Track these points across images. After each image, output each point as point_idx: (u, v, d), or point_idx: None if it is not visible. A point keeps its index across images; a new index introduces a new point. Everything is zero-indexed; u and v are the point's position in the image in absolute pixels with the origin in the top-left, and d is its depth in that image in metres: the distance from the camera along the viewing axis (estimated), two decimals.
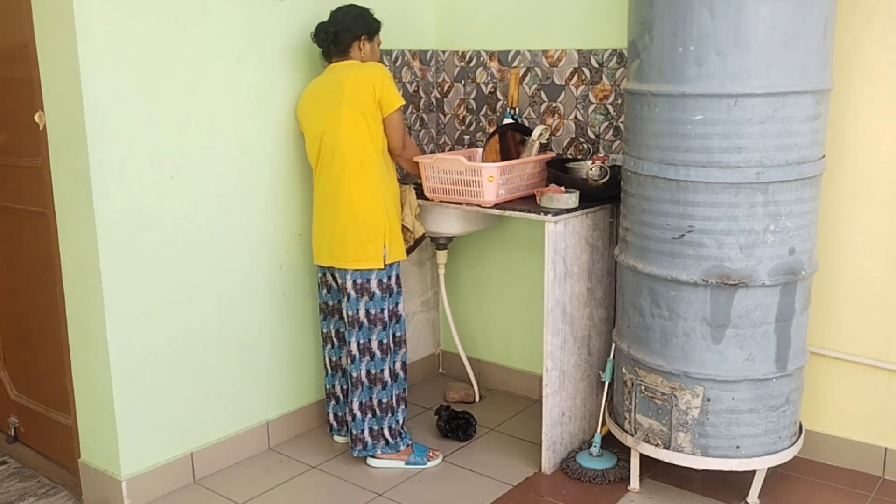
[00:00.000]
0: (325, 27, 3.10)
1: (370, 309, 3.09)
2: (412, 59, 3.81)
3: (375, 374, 3.14)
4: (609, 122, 3.45)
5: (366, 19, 3.13)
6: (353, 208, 3.03)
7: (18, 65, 2.94)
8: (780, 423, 2.82)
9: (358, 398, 3.13)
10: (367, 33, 3.12)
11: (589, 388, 3.29)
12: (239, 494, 3.04)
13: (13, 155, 3.13)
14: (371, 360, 3.13)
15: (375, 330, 3.11)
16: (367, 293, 3.08)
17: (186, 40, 2.89)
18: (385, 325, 3.12)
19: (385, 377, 3.16)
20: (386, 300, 3.12)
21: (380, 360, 3.14)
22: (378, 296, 3.09)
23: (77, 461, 3.06)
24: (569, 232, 3.02)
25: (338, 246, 3.08)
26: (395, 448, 3.20)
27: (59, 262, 2.92)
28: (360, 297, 3.08)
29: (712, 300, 2.71)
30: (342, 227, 3.05)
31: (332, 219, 3.08)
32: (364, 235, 3.04)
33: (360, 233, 3.04)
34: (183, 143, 2.93)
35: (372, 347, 3.12)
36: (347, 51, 3.10)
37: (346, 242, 3.05)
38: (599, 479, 3.07)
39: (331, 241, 3.09)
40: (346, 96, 2.98)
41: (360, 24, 3.09)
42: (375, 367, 3.14)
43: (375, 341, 3.12)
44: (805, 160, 2.66)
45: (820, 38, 2.59)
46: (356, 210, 3.03)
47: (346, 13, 3.11)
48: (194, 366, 3.07)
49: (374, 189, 3.04)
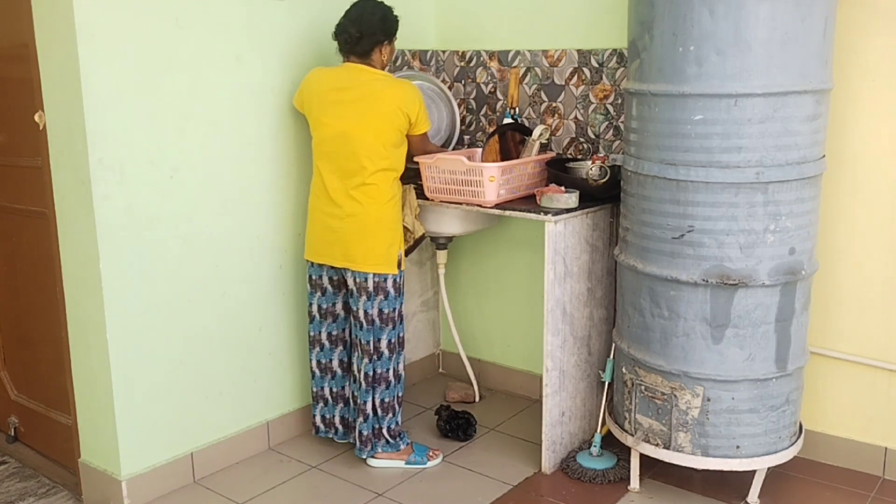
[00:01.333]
0: (348, 28, 3.03)
1: (384, 308, 3.10)
2: (412, 59, 3.80)
3: (381, 374, 3.15)
4: (609, 122, 3.45)
5: (389, 22, 3.08)
6: (377, 213, 3.03)
7: (18, 65, 2.94)
8: (780, 423, 2.82)
9: (372, 397, 3.14)
10: (389, 37, 3.09)
11: (589, 388, 3.29)
12: (239, 494, 3.04)
13: (13, 155, 3.13)
14: (379, 359, 3.14)
15: (386, 329, 3.12)
16: (384, 292, 3.09)
17: (186, 40, 2.89)
18: (394, 325, 3.13)
19: (389, 377, 3.16)
20: (397, 300, 3.13)
21: (387, 360, 3.14)
22: (392, 295, 3.10)
23: (77, 461, 3.06)
24: (569, 232, 3.02)
25: (356, 248, 3.05)
26: (395, 447, 3.20)
27: (59, 262, 2.92)
28: (375, 296, 3.08)
29: (712, 300, 2.71)
30: (367, 231, 3.04)
31: (349, 221, 3.04)
32: (387, 240, 3.06)
33: (385, 237, 3.05)
34: (183, 143, 2.93)
35: (381, 347, 3.13)
36: (370, 53, 3.07)
37: (360, 245, 3.05)
38: (599, 479, 3.07)
39: (345, 242, 3.06)
40: (385, 107, 2.98)
41: (384, 29, 3.06)
42: (382, 366, 3.14)
43: (385, 340, 3.13)
44: (805, 160, 2.66)
45: (820, 38, 2.59)
46: (381, 215, 3.04)
47: (371, 15, 3.03)
48: (194, 366, 3.07)
49: (393, 195, 3.07)
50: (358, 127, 3.00)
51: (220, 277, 3.11)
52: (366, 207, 3.03)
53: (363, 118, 2.99)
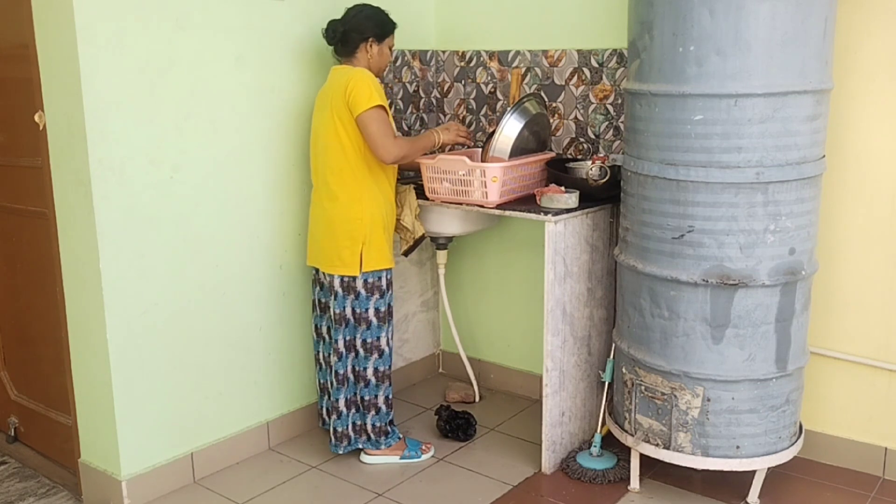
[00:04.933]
0: (335, 25, 3.05)
1: (356, 308, 3.10)
2: (412, 59, 3.80)
3: (359, 372, 3.15)
4: (609, 122, 3.45)
5: (377, 20, 3.06)
6: (327, 214, 3.05)
7: (18, 65, 2.94)
8: (780, 423, 2.82)
9: (343, 395, 3.15)
10: (377, 35, 3.06)
11: (589, 388, 3.29)
12: (239, 494, 3.04)
13: (13, 155, 3.13)
14: (356, 357, 3.14)
15: (360, 329, 3.11)
16: (353, 292, 3.09)
17: (186, 40, 2.89)
18: (369, 325, 3.12)
19: (367, 375, 3.15)
20: (369, 300, 3.10)
21: (363, 359, 3.14)
22: (364, 295, 3.09)
23: (77, 461, 3.06)
24: (569, 232, 3.02)
25: (318, 247, 3.12)
26: (377, 445, 3.20)
27: (59, 262, 2.92)
28: (346, 296, 3.09)
29: (712, 300, 2.71)
30: (321, 231, 3.09)
31: (314, 220, 3.14)
32: (340, 241, 3.04)
33: (337, 238, 3.04)
34: (183, 143, 2.93)
35: (356, 345, 3.13)
36: (354, 52, 3.06)
37: (325, 246, 3.09)
38: (599, 479, 3.07)
39: (314, 241, 3.15)
40: (331, 101, 2.98)
41: (369, 25, 3.04)
42: (359, 364, 3.15)
43: (360, 339, 3.12)
44: (805, 160, 2.66)
45: (820, 38, 2.59)
46: (331, 216, 3.05)
47: (357, 12, 3.06)
48: (194, 366, 3.07)
49: (352, 196, 3.01)
50: (320, 125, 3.04)
51: (220, 277, 3.11)
52: (323, 208, 3.06)
53: (322, 115, 3.02)
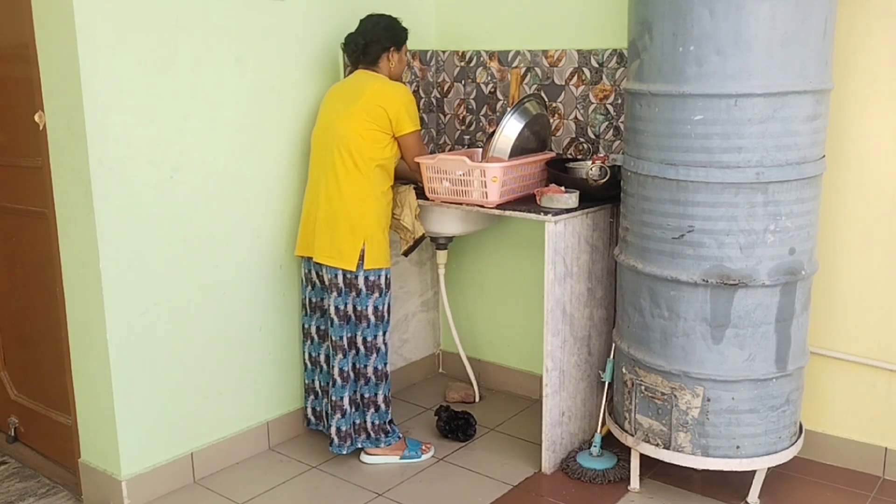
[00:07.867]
0: (355, 38, 3.16)
1: (357, 305, 3.10)
2: (412, 59, 3.80)
3: (360, 369, 3.16)
4: (609, 122, 3.45)
5: (394, 30, 3.18)
6: (333, 206, 3.06)
7: (18, 65, 2.94)
8: (780, 423, 2.82)
9: (350, 393, 3.15)
10: (396, 45, 3.18)
11: (589, 388, 3.29)
12: (239, 494, 3.04)
13: (13, 155, 3.13)
14: (357, 354, 3.15)
15: (360, 326, 3.12)
16: (355, 289, 3.09)
17: (186, 40, 2.89)
18: (368, 323, 3.13)
19: (368, 373, 3.16)
20: (371, 298, 3.11)
21: (364, 356, 3.14)
22: (364, 293, 3.10)
23: (77, 461, 3.06)
24: (569, 232, 3.02)
25: (314, 237, 3.11)
26: (376, 443, 3.20)
27: (59, 262, 2.92)
28: (348, 293, 3.09)
29: (712, 300, 2.71)
30: (322, 222, 3.08)
31: (311, 210, 3.13)
32: (341, 235, 3.05)
33: (339, 231, 3.05)
34: (183, 143, 2.93)
35: (357, 343, 3.14)
36: (377, 61, 3.16)
37: (323, 237, 3.08)
38: (599, 479, 3.07)
39: (308, 231, 3.15)
40: (364, 100, 3.03)
41: (388, 36, 3.16)
42: (360, 362, 3.16)
43: (360, 337, 3.13)
44: (805, 160, 2.66)
45: (820, 38, 2.59)
46: (336, 208, 3.05)
47: (375, 24, 3.16)
48: (194, 366, 3.07)
49: (363, 192, 3.06)
50: (338, 118, 3.06)
51: (219, 277, 3.11)
52: (333, 199, 3.06)
53: (347, 108, 3.05)
